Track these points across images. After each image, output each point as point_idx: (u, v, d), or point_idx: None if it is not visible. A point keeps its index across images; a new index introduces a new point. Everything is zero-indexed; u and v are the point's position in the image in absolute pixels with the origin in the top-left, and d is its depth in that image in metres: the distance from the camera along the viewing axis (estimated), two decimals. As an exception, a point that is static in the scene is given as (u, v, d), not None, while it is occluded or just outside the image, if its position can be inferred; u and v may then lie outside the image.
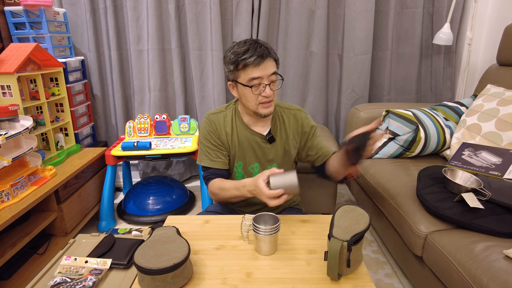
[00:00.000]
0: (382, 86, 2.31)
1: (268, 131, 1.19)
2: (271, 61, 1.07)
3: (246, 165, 1.21)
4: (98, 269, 0.89)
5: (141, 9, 2.12)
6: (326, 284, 0.79)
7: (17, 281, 1.35)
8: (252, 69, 1.05)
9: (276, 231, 0.88)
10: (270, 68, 1.07)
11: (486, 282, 0.88)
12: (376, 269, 1.58)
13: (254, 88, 1.07)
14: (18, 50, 1.61)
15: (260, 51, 1.04)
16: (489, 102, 1.55)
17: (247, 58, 1.04)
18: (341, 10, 2.16)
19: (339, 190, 2.37)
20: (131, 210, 2.03)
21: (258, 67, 1.05)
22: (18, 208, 1.33)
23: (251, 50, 1.05)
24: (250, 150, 1.19)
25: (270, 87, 1.08)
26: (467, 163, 1.40)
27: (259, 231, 0.87)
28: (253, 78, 1.06)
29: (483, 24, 2.08)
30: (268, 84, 1.07)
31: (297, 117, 1.21)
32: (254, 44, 1.07)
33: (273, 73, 1.08)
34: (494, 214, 1.10)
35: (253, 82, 1.07)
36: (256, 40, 1.09)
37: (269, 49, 1.08)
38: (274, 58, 1.10)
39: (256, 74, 1.05)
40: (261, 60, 1.04)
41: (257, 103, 1.10)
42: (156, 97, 2.24)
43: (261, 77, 1.06)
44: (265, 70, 1.06)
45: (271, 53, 1.08)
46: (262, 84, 1.07)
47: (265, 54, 1.05)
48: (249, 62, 1.04)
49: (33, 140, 1.53)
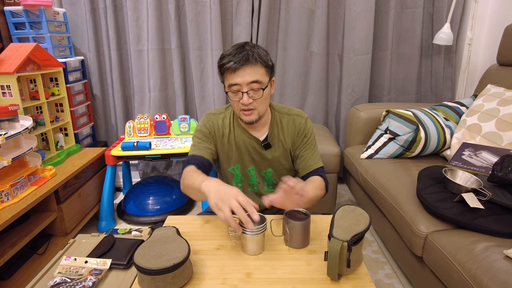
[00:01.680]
0: (382, 86, 2.31)
1: (265, 137, 1.16)
2: (252, 67, 1.00)
3: (243, 167, 1.19)
4: (98, 269, 0.89)
5: (141, 9, 2.12)
6: (326, 284, 0.79)
7: (17, 281, 1.35)
8: (230, 74, 1.01)
9: (263, 231, 0.88)
10: (251, 76, 1.00)
11: (486, 282, 0.88)
12: (376, 269, 1.58)
13: (232, 94, 1.04)
14: (18, 50, 1.61)
15: (240, 57, 0.99)
16: (489, 102, 1.55)
17: (225, 63, 1.00)
18: (341, 10, 2.16)
19: (339, 190, 2.37)
20: (131, 210, 2.03)
21: (235, 73, 1.00)
22: (18, 208, 1.33)
23: (232, 54, 1.00)
24: (247, 154, 1.18)
25: (250, 95, 1.02)
26: (467, 163, 1.39)
27: (246, 231, 0.87)
28: (231, 84, 1.02)
29: (483, 24, 2.08)
30: (247, 91, 1.01)
31: (295, 122, 1.17)
32: (240, 48, 1.01)
33: (254, 81, 1.00)
34: (494, 214, 1.10)
35: (232, 88, 1.02)
36: (244, 45, 1.03)
37: (253, 55, 1.00)
38: (262, 64, 1.02)
39: (234, 80, 1.01)
40: (238, 67, 0.98)
41: (238, 109, 1.06)
42: (156, 97, 2.24)
43: (239, 83, 1.00)
44: (243, 77, 1.00)
45: (255, 59, 1.00)
46: (240, 91, 1.02)
47: (244, 60, 0.98)
48: (228, 67, 1.00)
49: (33, 140, 1.53)
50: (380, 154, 1.73)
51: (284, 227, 0.93)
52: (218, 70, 1.06)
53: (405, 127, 1.65)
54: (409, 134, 1.65)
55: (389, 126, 1.71)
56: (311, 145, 1.18)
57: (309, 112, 2.37)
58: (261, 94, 1.04)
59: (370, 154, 1.75)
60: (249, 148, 1.17)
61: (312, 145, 1.19)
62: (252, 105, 1.04)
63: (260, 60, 1.01)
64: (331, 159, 1.85)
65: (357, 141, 1.98)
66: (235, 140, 1.17)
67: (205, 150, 1.14)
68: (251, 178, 1.20)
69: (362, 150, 1.82)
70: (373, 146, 1.76)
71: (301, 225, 0.90)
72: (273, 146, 1.17)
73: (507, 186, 1.17)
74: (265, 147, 1.16)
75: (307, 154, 1.17)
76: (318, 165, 1.17)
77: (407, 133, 1.65)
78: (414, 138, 1.64)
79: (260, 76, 1.02)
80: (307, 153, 1.17)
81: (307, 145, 1.17)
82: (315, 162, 1.17)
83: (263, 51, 1.04)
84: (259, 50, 1.03)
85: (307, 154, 1.17)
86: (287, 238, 0.93)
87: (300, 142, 1.18)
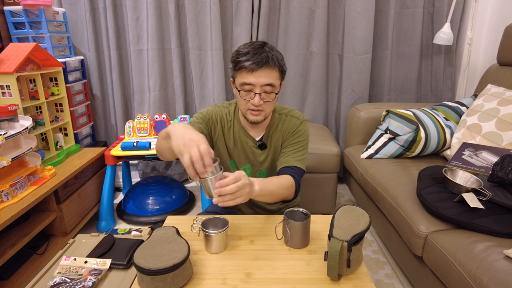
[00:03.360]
0: (382, 86, 2.31)
1: (261, 137, 1.16)
2: (270, 70, 1.00)
3: (238, 165, 1.19)
4: (98, 269, 0.88)
5: (141, 9, 2.12)
6: (326, 284, 0.79)
7: (16, 281, 1.35)
8: (246, 73, 1.00)
9: (224, 229, 0.90)
10: (266, 78, 1.00)
11: (486, 282, 0.88)
12: (376, 269, 1.58)
13: (244, 93, 1.03)
14: (18, 50, 1.61)
15: (259, 58, 0.98)
16: (489, 102, 1.54)
17: (243, 61, 0.99)
18: (341, 10, 2.16)
19: (339, 190, 2.37)
20: (131, 210, 2.03)
21: (252, 74, 0.99)
22: (18, 208, 1.32)
23: (251, 53, 0.99)
24: (242, 152, 1.18)
25: (261, 97, 1.02)
26: (467, 163, 1.39)
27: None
28: (245, 83, 1.01)
29: (483, 24, 2.08)
30: (259, 93, 1.01)
31: (290, 123, 1.16)
32: (258, 48, 1.00)
33: (268, 84, 1.00)
34: (494, 214, 1.09)
35: (245, 87, 1.02)
36: (263, 45, 1.02)
37: (273, 58, 1.00)
38: (278, 68, 1.02)
39: (248, 80, 1.00)
40: (256, 68, 0.98)
41: (246, 108, 1.06)
42: (155, 97, 2.24)
43: (253, 84, 1.00)
44: (259, 79, 0.99)
45: (274, 63, 1.00)
46: (253, 91, 1.02)
47: (263, 62, 0.98)
48: (244, 66, 0.99)
49: (33, 140, 1.53)
50: (380, 154, 1.73)
51: (285, 227, 0.93)
52: (232, 66, 1.05)
53: (405, 127, 1.65)
54: (409, 134, 1.64)
55: (389, 126, 1.71)
56: (298, 145, 1.14)
57: (309, 112, 2.37)
58: (272, 97, 1.04)
59: (370, 154, 1.75)
60: (245, 146, 1.17)
61: (299, 146, 1.14)
62: (261, 106, 1.04)
63: (278, 64, 1.01)
64: (331, 159, 1.85)
65: (357, 141, 1.98)
66: (233, 136, 1.17)
67: (196, 127, 1.10)
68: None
69: (362, 150, 1.81)
70: (373, 146, 1.76)
71: (301, 225, 0.90)
72: (269, 147, 1.17)
73: (507, 186, 1.17)
74: (260, 147, 1.16)
75: (289, 151, 1.13)
76: (296, 164, 1.10)
77: (407, 133, 1.65)
78: (414, 138, 1.64)
79: (274, 80, 1.02)
80: (289, 150, 1.13)
81: (294, 145, 1.14)
82: (294, 160, 1.11)
83: (280, 55, 1.04)
84: (277, 54, 1.03)
85: (289, 151, 1.13)
86: (287, 238, 0.93)
87: (288, 141, 1.15)
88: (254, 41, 1.05)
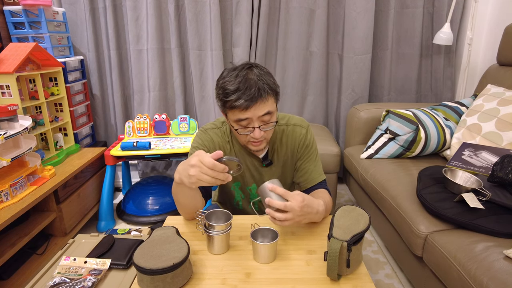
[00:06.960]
0: (382, 86, 2.31)
1: (265, 155, 1.11)
2: (264, 100, 0.92)
3: (244, 185, 1.16)
4: (98, 269, 0.88)
5: (141, 9, 2.12)
6: (326, 285, 0.79)
7: (16, 281, 1.35)
8: (239, 112, 0.92)
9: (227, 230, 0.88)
10: (262, 109, 0.93)
11: (486, 282, 0.88)
12: (376, 269, 1.58)
13: (241, 129, 0.96)
14: (17, 49, 1.61)
15: (250, 94, 0.89)
16: (489, 102, 1.54)
17: (233, 101, 0.91)
18: (341, 10, 2.16)
19: (339, 190, 2.37)
20: (131, 210, 2.03)
21: (246, 111, 0.92)
22: (17, 208, 1.32)
23: (240, 90, 0.90)
24: (247, 172, 1.13)
25: (261, 128, 0.96)
26: (467, 163, 1.39)
27: (211, 231, 0.87)
28: (241, 119, 0.94)
29: (483, 24, 2.08)
30: (258, 126, 0.95)
31: (295, 134, 1.11)
32: (246, 81, 0.91)
33: (266, 113, 0.94)
34: (494, 214, 1.09)
35: (242, 123, 0.95)
36: (249, 73, 0.93)
37: (264, 88, 0.91)
38: (272, 95, 0.95)
39: (244, 115, 0.93)
40: (250, 104, 0.90)
41: (246, 140, 1.01)
42: (155, 97, 2.24)
43: (250, 118, 0.93)
44: (256, 112, 0.92)
45: (267, 92, 0.92)
46: (250, 125, 0.95)
47: (256, 97, 0.90)
48: (236, 106, 0.91)
49: (32, 140, 1.53)
50: (380, 154, 1.73)
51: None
52: (220, 103, 0.96)
53: (405, 127, 1.65)
54: (409, 134, 1.64)
55: (389, 126, 1.71)
56: (313, 156, 1.13)
57: (309, 112, 2.37)
58: (272, 126, 0.99)
59: (370, 154, 1.75)
60: (249, 165, 1.12)
61: (314, 156, 1.13)
62: (262, 136, 0.98)
63: (270, 91, 0.94)
64: (331, 159, 1.85)
65: (357, 141, 1.98)
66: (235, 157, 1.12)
67: None
68: (252, 196, 1.17)
69: (362, 150, 1.81)
70: (373, 146, 1.76)
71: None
72: (274, 163, 1.13)
73: (507, 186, 1.17)
74: (266, 166, 1.12)
75: (310, 166, 1.12)
76: (321, 177, 1.13)
77: (407, 133, 1.65)
78: (414, 138, 1.64)
79: (271, 107, 0.95)
80: (309, 165, 1.12)
81: (309, 157, 1.12)
82: (319, 175, 1.13)
83: (269, 78, 0.95)
84: (267, 78, 0.94)
85: (309, 166, 1.12)
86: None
87: (302, 154, 1.13)
88: (237, 67, 0.95)
